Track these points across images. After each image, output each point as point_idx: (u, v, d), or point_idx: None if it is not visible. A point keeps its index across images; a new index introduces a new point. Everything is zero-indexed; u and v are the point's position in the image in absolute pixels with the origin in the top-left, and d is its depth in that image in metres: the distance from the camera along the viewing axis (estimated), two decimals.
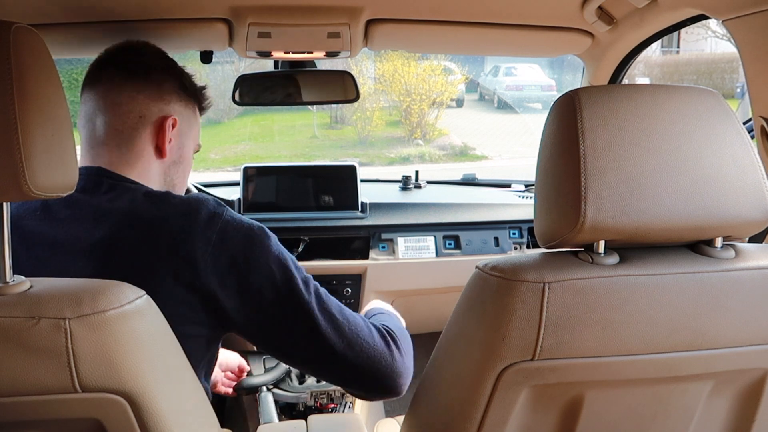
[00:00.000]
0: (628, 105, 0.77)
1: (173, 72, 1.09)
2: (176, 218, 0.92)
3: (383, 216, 1.91)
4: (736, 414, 0.89)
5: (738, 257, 0.80)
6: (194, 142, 1.14)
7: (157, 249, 0.90)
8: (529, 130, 10.40)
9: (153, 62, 1.07)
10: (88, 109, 1.04)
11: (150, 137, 1.03)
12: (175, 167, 1.08)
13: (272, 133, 11.01)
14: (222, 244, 0.91)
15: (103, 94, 1.03)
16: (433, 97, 10.43)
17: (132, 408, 0.69)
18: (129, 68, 1.04)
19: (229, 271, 0.91)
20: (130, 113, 1.02)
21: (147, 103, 1.03)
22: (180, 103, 1.08)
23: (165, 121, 1.04)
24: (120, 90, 1.02)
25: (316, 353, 0.96)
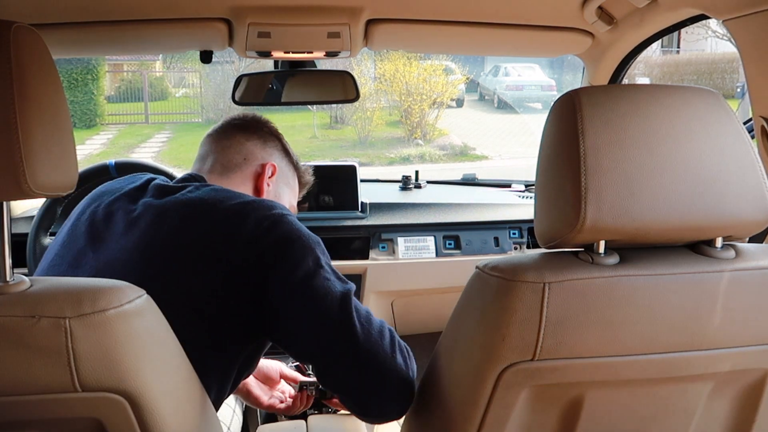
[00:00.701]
0: (628, 105, 0.77)
1: (279, 137, 1.25)
2: (231, 216, 0.98)
3: (383, 216, 1.91)
4: (736, 414, 0.89)
5: (738, 257, 0.80)
6: (290, 203, 1.25)
7: (211, 234, 0.97)
8: (529, 130, 10.40)
9: (262, 125, 1.23)
10: (202, 152, 1.19)
11: (251, 176, 1.17)
12: None
13: None
14: (270, 241, 0.96)
15: (216, 138, 1.19)
16: (434, 97, 10.43)
17: (132, 407, 0.69)
18: (243, 124, 1.21)
19: (272, 270, 0.94)
20: (236, 154, 1.17)
21: (253, 150, 1.18)
22: (282, 159, 1.23)
23: (266, 165, 1.18)
24: (231, 137, 1.19)
25: (337, 358, 0.96)
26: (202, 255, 0.96)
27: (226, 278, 0.94)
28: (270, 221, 0.97)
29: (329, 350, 0.96)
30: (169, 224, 0.99)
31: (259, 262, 0.95)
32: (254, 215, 0.98)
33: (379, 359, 0.95)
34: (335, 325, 0.94)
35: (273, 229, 0.97)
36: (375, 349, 0.95)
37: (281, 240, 0.96)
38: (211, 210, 0.99)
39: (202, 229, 0.98)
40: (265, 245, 0.95)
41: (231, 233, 0.96)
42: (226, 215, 0.98)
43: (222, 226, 0.97)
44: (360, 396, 0.99)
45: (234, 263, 0.95)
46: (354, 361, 0.95)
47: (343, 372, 0.97)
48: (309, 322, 0.95)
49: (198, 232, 0.98)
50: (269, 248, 0.95)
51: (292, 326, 0.96)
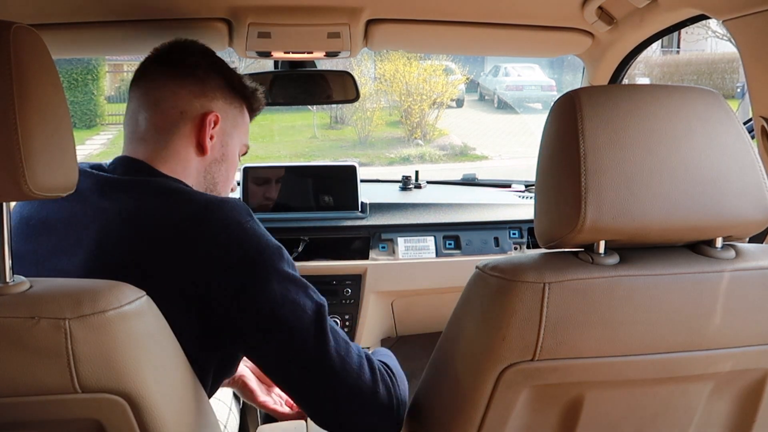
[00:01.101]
0: (628, 105, 0.77)
1: (220, 70, 1.07)
2: (191, 218, 0.89)
3: (383, 216, 1.91)
4: (736, 414, 0.89)
5: (738, 257, 0.80)
6: (240, 143, 1.12)
7: (166, 243, 0.87)
8: (529, 130, 10.40)
9: (198, 60, 1.06)
10: (132, 107, 1.04)
11: (191, 133, 1.02)
12: (217, 166, 1.07)
13: (272, 133, 11.01)
14: (230, 251, 0.87)
15: (146, 91, 1.03)
16: (434, 97, 10.43)
17: (131, 408, 0.69)
18: (173, 65, 1.04)
19: (231, 281, 0.87)
20: (171, 109, 1.01)
21: (189, 99, 1.02)
22: (225, 101, 1.07)
23: (206, 117, 1.03)
24: (163, 86, 1.02)
25: (300, 373, 0.91)
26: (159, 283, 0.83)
27: (186, 308, 0.86)
28: (225, 239, 0.87)
29: (304, 382, 0.91)
30: (115, 244, 0.89)
31: (221, 290, 0.86)
32: (207, 234, 0.87)
33: (361, 395, 0.90)
34: (310, 358, 0.89)
35: (232, 247, 0.87)
36: (354, 382, 0.90)
37: (243, 260, 0.87)
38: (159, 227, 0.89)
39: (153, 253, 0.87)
40: (224, 268, 0.86)
41: (184, 259, 0.86)
42: (175, 235, 0.87)
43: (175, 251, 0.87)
44: (340, 428, 0.94)
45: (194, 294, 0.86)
46: (333, 396, 0.90)
47: (321, 405, 0.92)
48: (280, 352, 0.90)
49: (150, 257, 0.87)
50: (231, 272, 0.86)
51: (262, 356, 0.92)
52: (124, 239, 0.90)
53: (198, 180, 1.05)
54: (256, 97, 1.14)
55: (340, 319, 1.84)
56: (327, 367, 0.89)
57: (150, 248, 0.88)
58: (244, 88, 1.11)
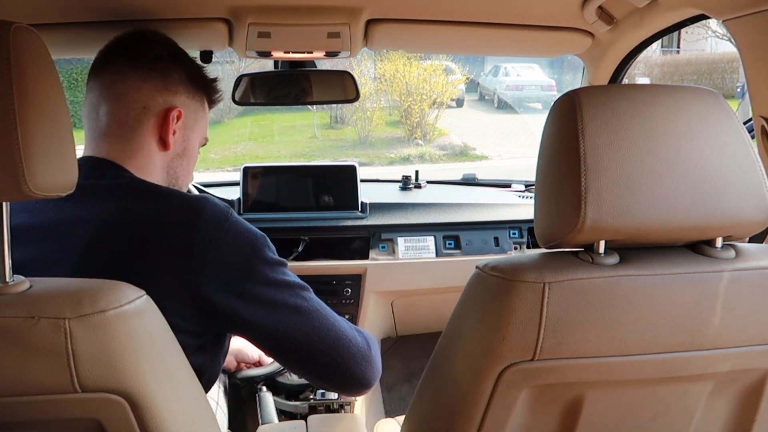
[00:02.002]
0: (628, 105, 0.77)
1: (182, 62, 1.06)
2: (178, 217, 0.90)
3: (383, 216, 1.91)
4: (736, 414, 0.89)
5: (738, 257, 0.80)
6: (201, 136, 1.12)
7: (156, 244, 0.89)
8: (529, 130, 10.40)
9: (161, 52, 1.04)
10: (92, 98, 1.02)
11: (154, 129, 1.01)
12: (179, 160, 1.07)
13: (272, 133, 11.01)
14: (223, 246, 0.90)
15: (108, 84, 1.01)
16: (434, 97, 10.43)
17: (132, 408, 0.69)
18: (136, 57, 1.02)
19: (226, 274, 0.91)
20: (134, 103, 1.00)
21: (152, 94, 1.01)
22: (187, 94, 1.06)
23: (170, 112, 1.02)
24: (125, 79, 1.00)
25: (304, 351, 0.98)
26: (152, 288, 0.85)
27: (183, 307, 0.89)
28: (218, 237, 0.90)
29: (301, 353, 0.97)
30: (103, 253, 0.89)
31: (218, 286, 0.90)
32: (200, 234, 0.89)
33: (353, 353, 1.00)
34: (306, 331, 0.96)
35: (225, 243, 0.90)
36: (346, 343, 0.99)
37: (237, 254, 0.91)
38: (146, 231, 0.90)
39: (144, 257, 0.89)
40: (220, 264, 0.90)
41: (179, 260, 0.88)
42: (166, 237, 0.89)
43: (168, 253, 0.89)
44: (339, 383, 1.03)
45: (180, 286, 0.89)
46: (328, 360, 0.98)
47: (320, 370, 1.00)
48: (279, 331, 0.95)
49: (141, 262, 0.88)
50: (227, 267, 0.90)
51: (260, 336, 0.97)
52: (111, 246, 0.90)
53: (162, 175, 1.05)
54: (215, 89, 1.13)
55: None
56: (322, 334, 0.97)
57: (141, 253, 0.89)
58: (205, 81, 1.10)
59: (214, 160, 9.36)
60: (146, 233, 0.90)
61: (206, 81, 1.11)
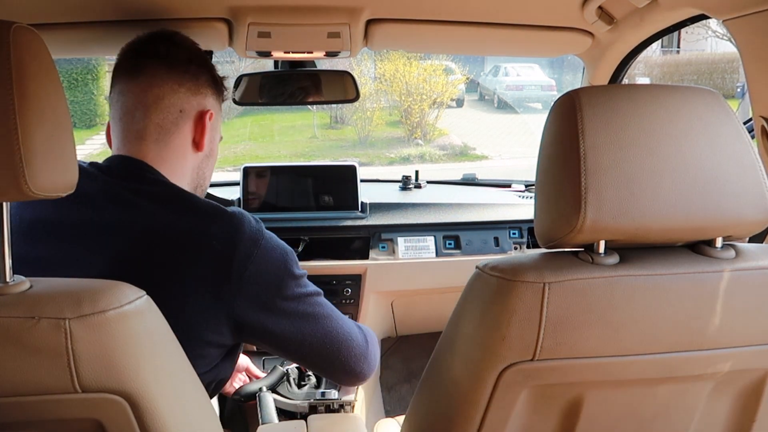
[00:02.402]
0: (628, 105, 0.77)
1: (207, 65, 1.08)
2: (219, 235, 0.91)
3: (383, 216, 1.90)
4: (736, 414, 0.89)
5: (738, 257, 0.80)
6: (219, 134, 1.14)
7: (195, 259, 0.90)
8: (529, 130, 10.40)
9: (190, 55, 1.06)
10: (128, 102, 1.01)
11: (189, 132, 1.04)
12: (207, 161, 1.09)
13: (272, 133, 11.01)
14: (261, 264, 0.93)
15: (145, 88, 1.01)
16: (434, 97, 10.43)
17: (132, 408, 0.69)
18: (169, 61, 1.03)
19: (261, 290, 0.94)
20: (171, 107, 1.01)
21: (187, 97, 1.03)
22: (214, 96, 1.09)
23: (204, 115, 1.04)
24: (161, 83, 1.01)
25: (314, 351, 1.03)
26: (186, 296, 0.90)
27: (208, 309, 0.92)
28: (257, 254, 0.93)
29: (319, 355, 1.04)
30: (137, 260, 0.91)
31: (252, 302, 0.94)
32: (240, 250, 0.92)
33: (360, 355, 1.08)
34: (324, 337, 1.03)
35: (262, 261, 0.94)
36: (356, 346, 1.07)
37: (272, 271, 0.95)
38: (182, 242, 0.91)
39: (180, 269, 0.90)
40: (256, 281, 0.93)
41: (216, 275, 0.91)
42: (204, 251, 0.91)
43: (205, 267, 0.91)
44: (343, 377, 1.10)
45: (212, 295, 0.91)
46: (342, 359, 1.06)
47: (332, 368, 1.07)
48: (301, 339, 1.01)
49: (177, 273, 0.90)
50: (261, 284, 0.94)
51: (283, 345, 1.02)
52: (144, 259, 0.91)
53: (191, 177, 1.06)
54: (226, 87, 1.15)
55: None
56: (332, 336, 1.03)
57: (175, 268, 0.90)
58: (222, 81, 1.13)
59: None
60: (185, 247, 0.91)
61: (222, 81, 1.13)
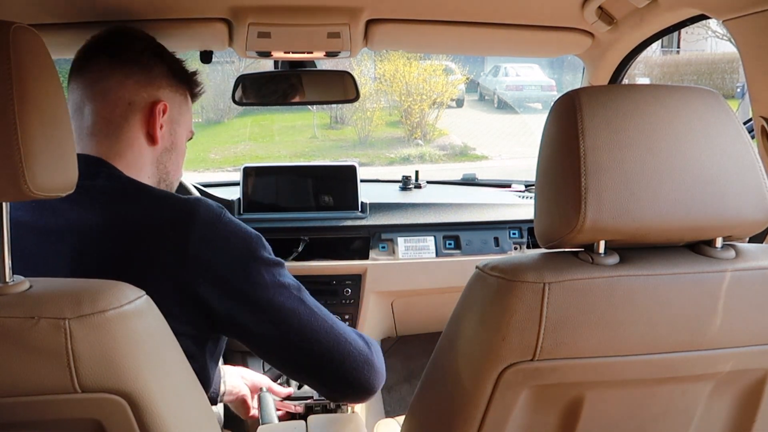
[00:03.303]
0: (628, 105, 0.77)
1: (163, 56, 1.06)
2: (173, 220, 0.91)
3: (383, 216, 1.91)
4: (736, 414, 0.89)
5: (738, 257, 0.80)
6: (187, 129, 1.11)
7: (151, 248, 0.89)
8: (529, 130, 10.40)
9: (141, 47, 1.04)
10: (75, 98, 1.01)
11: (140, 124, 1.01)
12: (168, 154, 1.07)
13: (272, 133, 11.01)
14: (219, 247, 0.91)
15: (91, 82, 1.00)
16: (434, 97, 10.43)
17: (132, 408, 0.69)
18: (117, 53, 1.01)
19: (223, 275, 0.91)
20: (119, 100, 1.00)
21: (136, 89, 1.01)
22: (170, 88, 1.06)
23: (155, 106, 1.02)
24: (108, 76, 1.00)
25: (303, 355, 0.97)
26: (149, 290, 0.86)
27: (180, 309, 0.89)
28: (213, 237, 0.90)
29: (300, 356, 0.97)
30: (97, 257, 0.89)
31: (214, 287, 0.90)
32: (195, 235, 0.89)
33: (353, 354, 0.99)
34: (304, 333, 0.96)
35: (219, 244, 0.91)
36: (345, 346, 0.99)
37: (232, 254, 0.91)
38: (141, 234, 0.90)
39: (139, 260, 0.89)
40: (216, 265, 0.90)
41: (174, 263, 0.89)
42: (161, 239, 0.89)
43: (163, 256, 0.89)
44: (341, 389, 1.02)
45: (178, 282, 0.89)
46: (329, 362, 0.98)
47: (320, 374, 1.00)
48: (275, 333, 0.95)
49: (136, 265, 0.89)
50: (222, 267, 0.90)
51: (258, 340, 0.96)
52: (105, 253, 0.90)
53: (152, 171, 1.05)
54: (196, 82, 1.13)
55: (339, 319, 1.84)
56: (320, 336, 0.97)
57: (137, 258, 0.89)
58: (187, 74, 1.11)
59: (214, 160, 9.35)
60: (141, 237, 0.89)
61: (188, 74, 1.11)
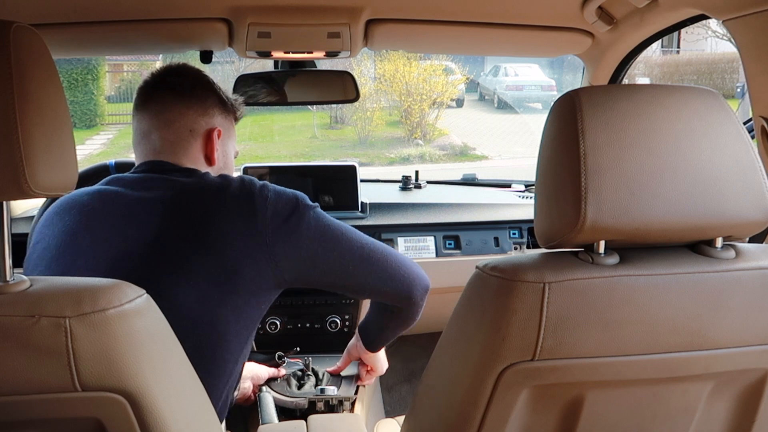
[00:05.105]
0: (628, 105, 0.77)
1: (212, 88, 1.21)
2: (236, 185, 1.10)
3: (383, 216, 1.91)
4: (736, 414, 0.89)
5: (738, 257, 0.80)
6: (233, 149, 1.27)
7: (222, 208, 1.06)
8: (529, 130, 10.40)
9: (195, 82, 1.19)
10: (143, 127, 1.17)
11: (200, 148, 1.17)
12: (222, 173, 1.19)
13: (272, 133, 11.01)
14: (274, 203, 1.09)
15: (156, 114, 1.16)
16: (434, 97, 10.43)
17: (132, 407, 0.69)
18: (175, 89, 1.17)
19: (282, 224, 1.08)
20: (182, 128, 1.15)
21: (195, 119, 1.17)
22: (222, 115, 1.22)
23: (212, 132, 1.18)
24: (171, 108, 1.15)
25: (364, 272, 1.16)
26: (217, 237, 1.05)
27: (243, 252, 1.05)
28: (272, 200, 1.10)
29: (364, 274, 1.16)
30: (171, 214, 1.06)
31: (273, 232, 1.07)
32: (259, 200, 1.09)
33: (403, 264, 1.20)
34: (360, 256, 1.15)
35: (277, 204, 1.09)
36: (395, 258, 1.19)
37: (287, 210, 1.10)
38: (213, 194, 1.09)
39: (208, 213, 1.06)
40: (277, 220, 1.08)
41: (246, 225, 1.06)
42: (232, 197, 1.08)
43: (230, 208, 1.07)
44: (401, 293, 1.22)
45: (251, 237, 1.06)
46: (386, 274, 1.18)
47: (382, 286, 1.19)
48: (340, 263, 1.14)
49: (206, 217, 1.06)
50: (282, 221, 1.08)
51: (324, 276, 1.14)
52: (190, 209, 1.07)
53: None
54: (238, 107, 1.28)
55: (339, 319, 1.84)
56: (375, 255, 1.17)
57: (209, 211, 1.07)
58: (232, 103, 1.26)
59: None
60: (212, 197, 1.08)
61: (233, 102, 1.26)
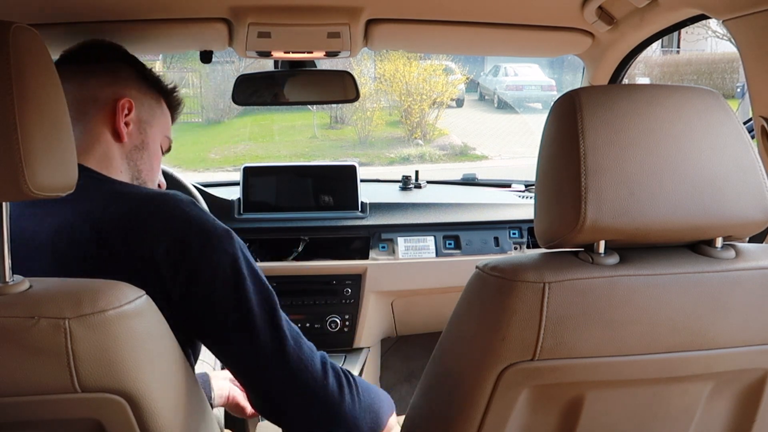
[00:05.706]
0: (628, 105, 0.77)
1: (131, 62, 1.09)
2: (140, 212, 0.88)
3: (383, 216, 1.91)
4: (736, 414, 0.89)
5: (738, 257, 0.80)
6: (161, 134, 1.12)
7: (117, 242, 0.86)
8: (529, 130, 10.40)
9: (107, 52, 1.08)
10: None
11: (105, 119, 1.02)
12: (138, 153, 1.06)
13: (272, 133, 11.02)
14: (182, 238, 0.87)
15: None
16: (434, 97, 10.43)
17: (131, 408, 0.69)
18: (79, 59, 1.05)
19: (181, 262, 0.86)
20: (82, 98, 1.01)
21: (100, 86, 1.03)
22: (138, 90, 1.07)
23: (118, 102, 1.02)
24: (71, 79, 1.00)
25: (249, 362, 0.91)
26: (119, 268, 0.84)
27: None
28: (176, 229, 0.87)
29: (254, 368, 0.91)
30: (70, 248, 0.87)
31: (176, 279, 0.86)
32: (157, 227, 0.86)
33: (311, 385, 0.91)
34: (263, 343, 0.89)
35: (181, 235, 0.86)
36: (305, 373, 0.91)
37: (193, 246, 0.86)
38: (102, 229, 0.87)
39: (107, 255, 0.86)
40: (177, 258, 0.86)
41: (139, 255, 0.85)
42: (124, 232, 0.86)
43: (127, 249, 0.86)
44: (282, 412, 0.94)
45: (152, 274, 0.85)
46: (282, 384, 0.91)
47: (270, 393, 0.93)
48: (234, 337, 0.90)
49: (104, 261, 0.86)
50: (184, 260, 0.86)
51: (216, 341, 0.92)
52: (81, 240, 0.87)
53: (123, 168, 1.04)
54: (173, 95, 1.15)
55: (340, 319, 1.84)
56: (280, 353, 0.90)
57: (102, 251, 0.86)
58: (159, 82, 1.12)
59: (214, 160, 9.35)
60: (105, 231, 0.87)
61: (160, 83, 1.12)
